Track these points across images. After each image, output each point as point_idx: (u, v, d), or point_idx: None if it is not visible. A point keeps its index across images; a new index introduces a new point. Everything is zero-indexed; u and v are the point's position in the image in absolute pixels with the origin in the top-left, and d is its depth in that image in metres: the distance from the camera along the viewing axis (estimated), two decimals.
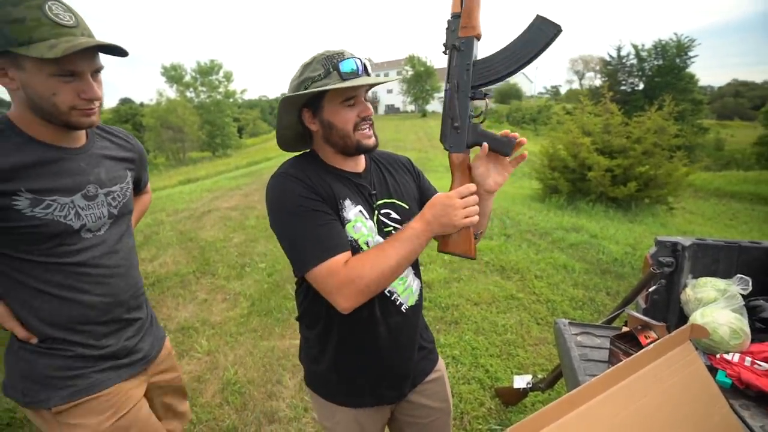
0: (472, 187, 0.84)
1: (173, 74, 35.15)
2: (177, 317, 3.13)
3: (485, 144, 0.85)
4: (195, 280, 3.79)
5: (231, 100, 37.28)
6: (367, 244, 0.91)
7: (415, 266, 1.03)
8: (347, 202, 0.91)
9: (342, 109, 0.88)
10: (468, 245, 0.86)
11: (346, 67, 0.84)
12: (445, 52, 0.84)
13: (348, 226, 0.90)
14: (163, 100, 34.34)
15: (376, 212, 0.96)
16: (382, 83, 0.91)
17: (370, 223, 0.93)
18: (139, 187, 1.26)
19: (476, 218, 0.83)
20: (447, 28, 0.82)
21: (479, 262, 3.97)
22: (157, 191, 10.91)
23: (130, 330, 1.08)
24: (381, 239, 0.93)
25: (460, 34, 0.81)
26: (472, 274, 3.73)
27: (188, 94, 35.84)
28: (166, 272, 3.96)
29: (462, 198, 0.82)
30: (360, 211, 0.92)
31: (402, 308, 0.97)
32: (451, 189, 0.87)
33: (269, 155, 20.63)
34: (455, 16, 0.81)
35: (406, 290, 0.98)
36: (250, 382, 2.35)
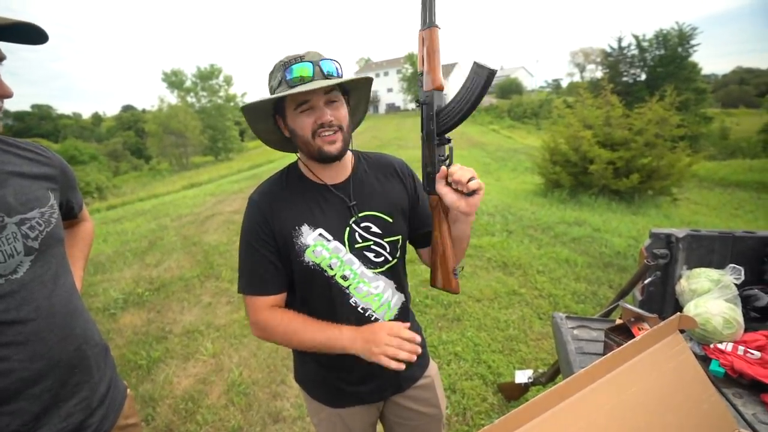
0: (404, 331, 0.85)
1: (174, 80, 35.41)
2: (182, 321, 3.17)
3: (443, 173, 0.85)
4: (199, 284, 3.83)
5: (232, 103, 37.45)
6: (330, 266, 0.91)
7: (398, 281, 1.01)
8: (305, 228, 0.90)
9: (298, 116, 0.86)
10: (447, 282, 0.92)
11: (291, 74, 0.83)
12: (418, 106, 0.89)
13: (307, 252, 0.90)
14: (165, 106, 34.64)
15: (348, 228, 0.93)
16: (325, 87, 0.82)
17: (334, 243, 0.91)
18: (72, 213, 1.02)
19: (390, 362, 0.82)
20: (418, 84, 0.87)
21: (481, 259, 3.98)
22: (161, 197, 10.99)
23: (74, 401, 0.83)
24: (353, 257, 0.92)
25: (425, 88, 0.85)
26: (474, 270, 3.74)
27: (189, 100, 36.12)
28: (170, 277, 4.01)
29: (390, 335, 0.84)
30: (320, 234, 0.91)
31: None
32: (433, 228, 0.93)
33: (271, 158, 20.71)
34: (421, 74, 0.86)
35: (382, 306, 0.97)
36: (254, 383, 2.38)
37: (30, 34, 0.71)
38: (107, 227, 6.34)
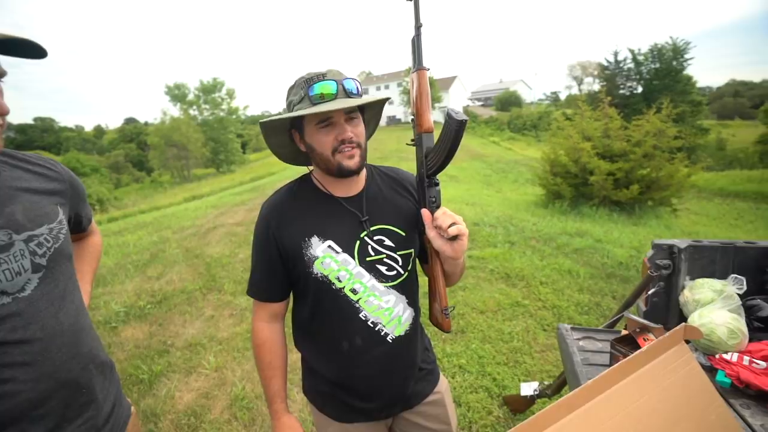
0: None
1: (177, 93, 35.87)
2: (184, 334, 3.16)
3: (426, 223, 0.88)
4: (202, 297, 3.82)
5: (234, 116, 37.88)
6: (338, 279, 0.91)
7: (410, 296, 1.00)
8: (314, 240, 0.91)
9: (318, 133, 0.87)
10: (436, 320, 0.96)
11: (314, 91, 0.84)
12: (411, 145, 0.92)
13: (316, 263, 0.91)
14: (167, 119, 35.04)
15: (359, 241, 0.93)
16: (355, 105, 0.85)
17: (343, 256, 0.91)
18: (80, 227, 1.02)
19: None
20: (412, 125, 0.91)
21: (483, 270, 3.98)
22: (163, 209, 11.03)
23: (79, 421, 0.81)
24: (362, 270, 0.92)
25: (417, 131, 0.88)
26: (477, 282, 3.74)
27: (192, 112, 36.55)
28: (172, 289, 4.00)
29: None
30: (329, 246, 0.91)
31: (388, 338, 0.95)
32: (428, 266, 0.95)
33: (273, 170, 20.84)
34: (413, 115, 0.89)
35: (392, 320, 0.96)
36: (258, 397, 2.36)
37: (28, 50, 0.71)
38: (108, 239, 6.35)
